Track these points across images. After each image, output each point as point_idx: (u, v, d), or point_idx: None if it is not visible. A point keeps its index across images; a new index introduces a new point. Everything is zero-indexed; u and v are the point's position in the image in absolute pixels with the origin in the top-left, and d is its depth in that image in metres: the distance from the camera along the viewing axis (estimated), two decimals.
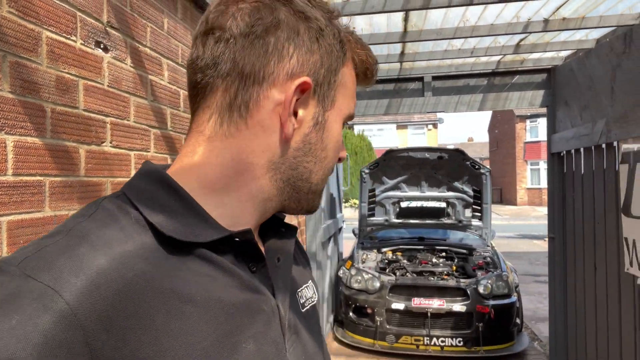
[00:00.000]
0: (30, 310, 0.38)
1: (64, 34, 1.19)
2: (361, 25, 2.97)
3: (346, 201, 23.10)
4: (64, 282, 0.40)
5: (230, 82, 0.53)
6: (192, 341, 0.45)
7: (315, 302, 0.71)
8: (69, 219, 0.49)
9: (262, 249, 0.62)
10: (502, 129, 30.36)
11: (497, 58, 3.94)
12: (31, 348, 0.37)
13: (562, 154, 3.83)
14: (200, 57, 0.54)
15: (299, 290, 0.66)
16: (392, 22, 2.89)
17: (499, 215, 21.30)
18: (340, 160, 0.63)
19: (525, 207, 26.37)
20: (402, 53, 3.60)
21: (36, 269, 0.41)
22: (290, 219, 3.14)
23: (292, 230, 0.66)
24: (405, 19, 2.83)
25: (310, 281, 0.73)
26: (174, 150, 1.77)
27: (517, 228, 16.32)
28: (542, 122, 25.55)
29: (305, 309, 0.66)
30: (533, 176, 27.24)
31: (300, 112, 0.56)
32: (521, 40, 3.37)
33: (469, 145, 51.67)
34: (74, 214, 0.50)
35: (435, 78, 4.23)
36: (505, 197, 29.96)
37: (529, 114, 26.40)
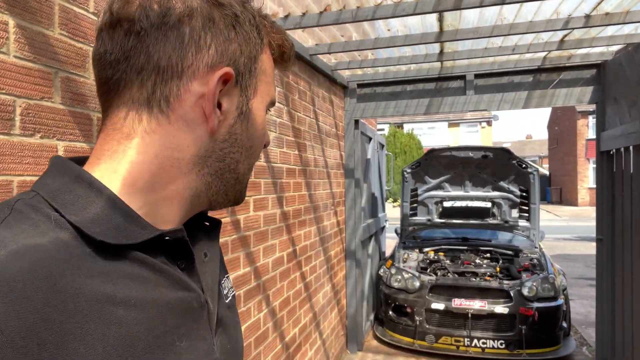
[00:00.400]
0: None
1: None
2: (396, 26, 3.01)
3: (394, 200, 22.89)
4: None
5: (146, 77, 0.50)
6: (129, 344, 0.44)
7: (234, 292, 0.72)
8: None
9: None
10: (563, 126, 28.91)
11: (542, 54, 3.83)
12: None
13: (611, 152, 3.68)
14: (108, 51, 0.50)
15: (222, 282, 0.65)
16: (427, 22, 2.91)
17: (558, 217, 20.35)
18: (265, 146, 0.64)
19: (586, 207, 24.99)
20: (441, 52, 3.60)
21: None
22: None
23: (216, 224, 0.65)
24: (440, 19, 2.84)
25: (228, 273, 0.73)
26: None
27: (577, 230, 15.53)
28: None
29: (228, 299, 0.65)
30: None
31: (225, 104, 0.55)
32: (565, 35, 3.27)
33: (527, 143, 49.56)
34: None
35: (477, 76, 4.17)
36: (566, 197, 28.52)
37: (591, 110, 24.99)
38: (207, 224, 0.65)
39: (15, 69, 1.06)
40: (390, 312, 4.65)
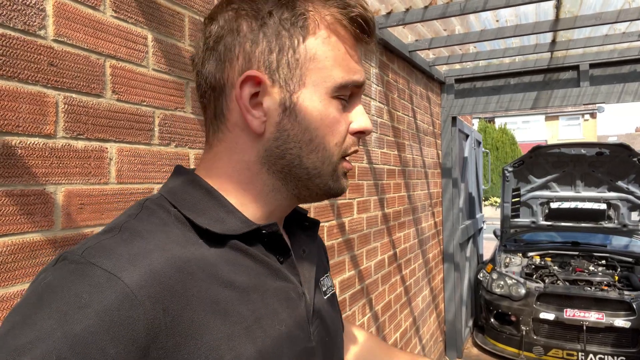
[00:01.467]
0: (96, 291, 0.43)
1: None
2: (505, 16, 2.81)
3: (485, 199, 21.80)
4: (123, 269, 0.45)
5: (208, 99, 0.59)
6: (235, 320, 0.50)
7: (334, 290, 0.75)
8: (117, 218, 0.54)
9: (288, 241, 0.65)
10: None
11: None
12: (100, 323, 0.41)
13: None
14: (198, 84, 0.61)
15: (321, 279, 0.70)
16: (541, 10, 2.68)
17: None
18: (361, 133, 0.61)
19: None
20: (554, 42, 3.31)
21: (97, 257, 0.45)
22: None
23: (314, 224, 0.72)
24: (557, 6, 2.59)
25: (329, 272, 0.78)
26: None
27: None
28: None
29: (327, 296, 0.70)
30: None
31: (266, 103, 0.56)
32: None
33: (637, 137, 44.72)
34: (121, 215, 0.55)
35: (593, 66, 3.79)
36: None
37: None
38: (307, 223, 0.71)
39: (153, 82, 1.11)
40: (492, 320, 4.40)
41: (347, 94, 0.58)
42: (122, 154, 1.02)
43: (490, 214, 18.18)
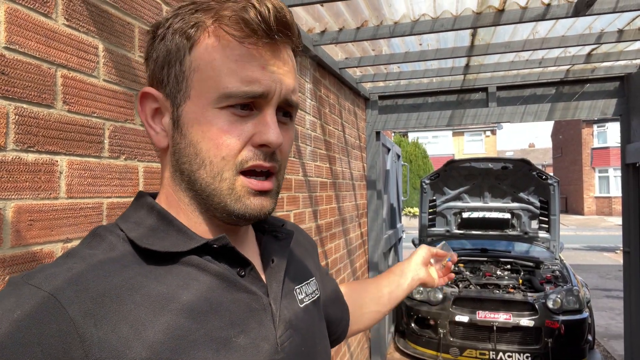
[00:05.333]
0: (29, 309, 0.45)
1: None
2: (428, 40, 3.03)
3: (402, 210, 22.86)
4: (57, 287, 0.46)
5: None
6: (179, 335, 0.49)
7: (316, 297, 0.73)
8: (72, 248, 0.56)
9: (258, 250, 0.67)
10: (567, 135, 28.92)
11: (566, 67, 3.85)
12: (30, 336, 0.43)
13: (637, 165, 3.68)
14: None
15: (297, 287, 0.68)
16: (459, 37, 2.93)
17: (565, 226, 20.28)
18: (264, 146, 0.55)
19: (593, 217, 24.91)
20: (467, 65, 3.62)
21: (36, 278, 0.47)
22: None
23: (287, 233, 0.72)
24: (473, 34, 2.86)
25: (312, 278, 0.75)
26: None
27: (585, 239, 15.48)
28: (611, 127, 24.10)
29: (304, 304, 0.68)
30: (602, 184, 25.70)
31: (164, 118, 0.58)
32: (593, 49, 3.29)
33: (530, 152, 49.54)
34: (78, 244, 0.57)
35: (500, 88, 4.18)
36: (571, 206, 28.44)
37: (596, 119, 25.01)
38: (280, 234, 0.71)
39: (104, 92, 1.08)
40: (413, 324, 4.63)
41: (239, 103, 0.54)
42: (73, 167, 0.98)
43: (406, 224, 19.06)
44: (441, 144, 31.65)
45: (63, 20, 0.96)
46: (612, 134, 24.28)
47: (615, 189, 24.51)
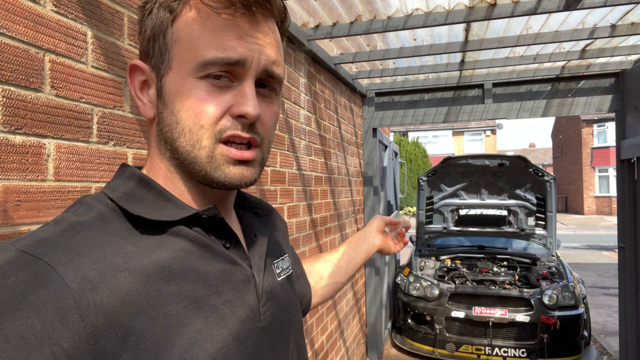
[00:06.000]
0: (23, 275, 0.45)
1: None
2: (422, 35, 3.05)
3: (400, 209, 22.84)
4: (49, 253, 0.47)
5: None
6: (170, 301, 0.51)
7: (289, 273, 0.77)
8: (59, 214, 0.56)
9: (240, 226, 0.70)
10: (567, 134, 28.91)
11: (561, 63, 3.86)
12: (26, 302, 0.43)
13: (632, 161, 3.69)
14: None
15: (275, 261, 0.72)
16: (453, 32, 2.95)
17: (565, 225, 20.28)
18: (241, 117, 0.56)
19: (593, 216, 24.90)
20: (462, 61, 3.63)
21: (28, 246, 0.47)
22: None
23: (266, 210, 0.76)
24: (467, 29, 2.87)
25: (286, 255, 0.79)
26: None
27: (585, 238, 15.48)
28: (611, 127, 24.10)
29: (280, 278, 0.71)
30: (601, 183, 25.69)
31: (151, 90, 0.61)
32: (587, 45, 3.30)
33: (531, 152, 49.52)
34: (64, 211, 0.57)
35: (495, 85, 4.20)
36: (571, 205, 28.43)
37: (596, 118, 25.01)
38: (260, 211, 0.75)
39: (92, 79, 1.09)
40: (409, 320, 4.65)
41: (218, 72, 0.55)
42: (60, 150, 1.00)
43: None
44: (441, 144, 31.65)
45: (51, 6, 0.98)
46: (612, 133, 24.27)
47: (615, 189, 24.48)
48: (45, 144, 0.96)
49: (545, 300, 4.14)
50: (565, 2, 2.24)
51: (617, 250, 3.91)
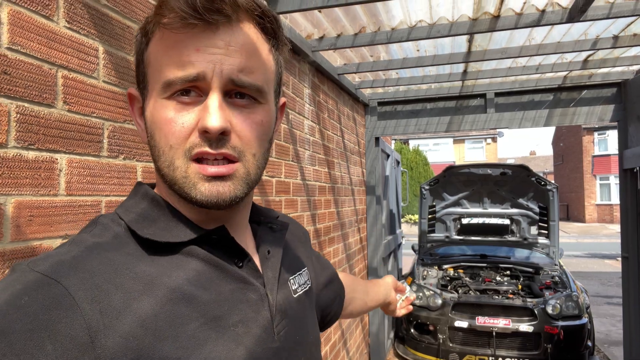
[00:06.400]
0: (36, 295, 0.45)
1: None
2: (425, 46, 3.06)
3: (402, 217, 22.82)
4: (63, 274, 0.47)
5: None
6: (179, 322, 0.51)
7: (308, 287, 0.75)
8: (75, 235, 0.57)
9: (254, 241, 0.69)
10: (568, 142, 28.94)
11: (563, 73, 3.88)
12: (36, 321, 0.43)
13: (635, 170, 3.69)
14: None
15: (291, 277, 0.71)
16: (456, 43, 2.97)
17: (566, 233, 20.24)
18: (204, 132, 0.53)
19: (594, 224, 24.86)
20: (465, 71, 3.65)
21: (41, 265, 0.48)
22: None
23: (282, 225, 0.74)
24: (470, 40, 2.89)
25: (304, 268, 0.78)
26: None
27: (587, 247, 15.43)
28: (612, 135, 24.13)
29: (297, 295, 0.70)
30: (603, 192, 25.67)
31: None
32: (589, 55, 3.32)
33: (531, 159, 49.54)
34: (80, 231, 0.58)
35: (498, 94, 4.22)
36: (573, 213, 28.39)
37: (596, 126, 25.05)
38: (275, 226, 0.74)
39: (104, 93, 1.10)
40: (412, 330, 4.63)
41: (180, 89, 0.54)
42: (72, 165, 1.00)
43: (406, 231, 19.05)
44: (442, 152, 31.68)
45: (64, 22, 0.99)
46: (612, 141, 24.31)
47: (617, 197, 24.46)
48: (57, 159, 0.97)
49: (549, 310, 4.13)
50: (569, 15, 2.26)
51: (619, 259, 3.90)
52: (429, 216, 5.58)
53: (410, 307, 1.30)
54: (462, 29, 2.45)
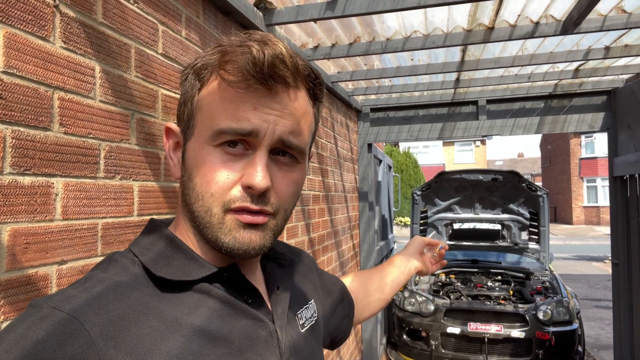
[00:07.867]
0: (52, 330, 0.46)
1: (173, 90, 1.37)
2: (419, 55, 3.07)
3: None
4: (79, 310, 0.48)
5: None
6: (192, 359, 0.52)
7: (314, 321, 0.77)
8: (90, 271, 0.58)
9: (263, 277, 0.71)
10: (556, 145, 29.27)
11: (554, 81, 3.91)
12: (54, 356, 0.45)
13: (625, 178, 3.74)
14: None
15: (298, 312, 0.73)
16: (450, 52, 2.97)
17: (554, 235, 20.45)
18: (249, 188, 0.55)
19: (582, 226, 25.15)
20: (458, 80, 3.66)
21: (58, 301, 0.50)
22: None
23: (290, 260, 0.77)
24: (464, 50, 2.90)
25: (311, 301, 0.80)
26: None
27: (574, 249, 15.61)
28: (599, 138, 24.45)
29: (304, 329, 0.72)
30: (590, 194, 26.00)
31: (179, 153, 0.64)
32: (580, 65, 3.35)
33: (519, 162, 50.00)
34: (93, 268, 0.59)
35: (489, 101, 4.24)
36: (560, 215, 28.71)
37: (583, 129, 25.34)
38: (284, 262, 0.76)
39: (100, 113, 1.08)
40: (405, 336, 4.63)
41: (230, 140, 0.56)
42: (68, 188, 0.98)
43: (397, 233, 19.10)
44: (432, 154, 31.88)
45: (61, 43, 0.97)
46: (599, 144, 24.62)
47: (603, 199, 24.81)
48: (53, 183, 0.94)
49: (540, 315, 4.16)
50: (563, 27, 2.27)
51: (607, 261, 3.94)
52: (421, 221, 5.60)
53: (444, 261, 1.25)
54: (457, 40, 2.46)
